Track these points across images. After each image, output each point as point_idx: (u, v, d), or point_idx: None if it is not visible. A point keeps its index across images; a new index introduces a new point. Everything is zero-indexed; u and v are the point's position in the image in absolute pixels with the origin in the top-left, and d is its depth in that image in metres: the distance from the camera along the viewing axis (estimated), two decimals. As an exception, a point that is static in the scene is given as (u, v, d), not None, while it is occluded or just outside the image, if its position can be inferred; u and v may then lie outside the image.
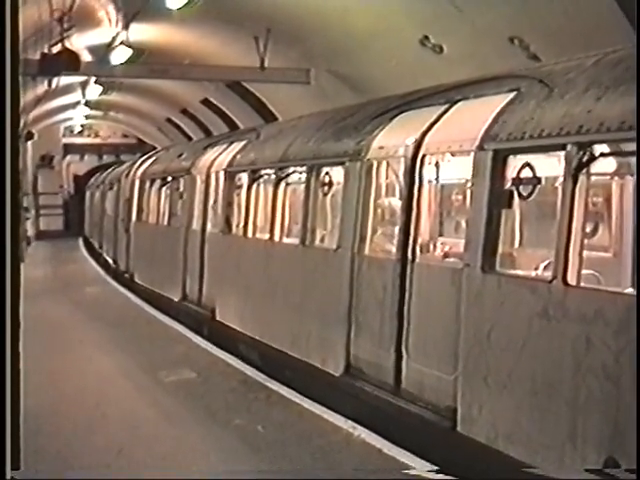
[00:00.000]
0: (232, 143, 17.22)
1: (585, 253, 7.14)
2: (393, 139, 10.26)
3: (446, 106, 9.67)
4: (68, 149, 56.31)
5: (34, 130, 40.67)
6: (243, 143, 16.28)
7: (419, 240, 9.62)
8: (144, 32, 23.69)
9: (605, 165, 7.49)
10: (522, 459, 7.21)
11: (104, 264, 29.88)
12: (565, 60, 8.73)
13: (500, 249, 8.07)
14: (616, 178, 7.98)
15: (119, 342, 15.13)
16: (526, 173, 7.84)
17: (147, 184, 23.18)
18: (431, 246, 10.25)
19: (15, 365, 3.00)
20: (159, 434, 9.48)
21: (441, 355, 8.70)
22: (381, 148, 10.43)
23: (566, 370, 6.89)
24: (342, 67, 21.69)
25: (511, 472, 4.61)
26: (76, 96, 37.90)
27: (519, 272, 8.31)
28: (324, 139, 12.18)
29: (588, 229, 7.83)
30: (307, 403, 10.43)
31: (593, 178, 7.34)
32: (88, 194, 45.25)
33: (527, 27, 15.07)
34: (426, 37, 17.49)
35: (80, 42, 24.39)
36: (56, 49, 20.84)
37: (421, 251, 9.67)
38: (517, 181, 7.90)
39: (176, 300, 18.15)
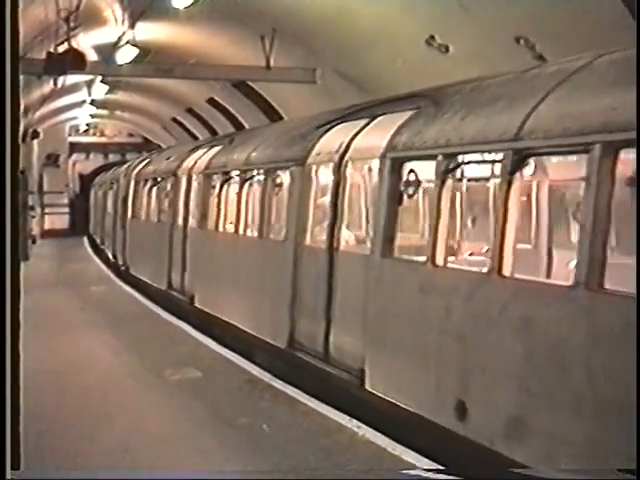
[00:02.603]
0: (211, 148, 19.36)
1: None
2: (327, 147, 12.06)
3: (368, 119, 11.46)
4: (74, 148, 56.34)
5: (40, 129, 40.73)
6: (219, 148, 18.50)
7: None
8: (150, 31, 23.71)
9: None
10: (406, 406, 9.11)
11: (105, 260, 31.37)
12: (461, 82, 10.47)
13: (396, 239, 9.90)
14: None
15: (124, 341, 15.14)
16: (412, 177, 9.77)
17: (141, 184, 25.35)
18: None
19: (15, 365, 2.99)
20: (164, 433, 9.48)
21: (355, 326, 10.42)
22: (318, 154, 12.23)
23: (434, 333, 8.74)
24: (348, 66, 21.69)
25: (511, 472, 4.59)
26: (82, 95, 37.94)
27: (406, 257, 10.09)
28: (279, 146, 14.22)
29: (467, 222, 10.74)
30: (313, 403, 10.44)
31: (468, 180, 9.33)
32: (92, 193, 45.53)
33: (533, 27, 15.05)
34: (432, 37, 17.47)
35: (86, 41, 24.41)
36: (62, 48, 20.84)
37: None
38: (405, 183, 9.82)
39: (163, 289, 20.25)
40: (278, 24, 21.10)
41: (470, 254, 10.56)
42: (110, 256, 30.63)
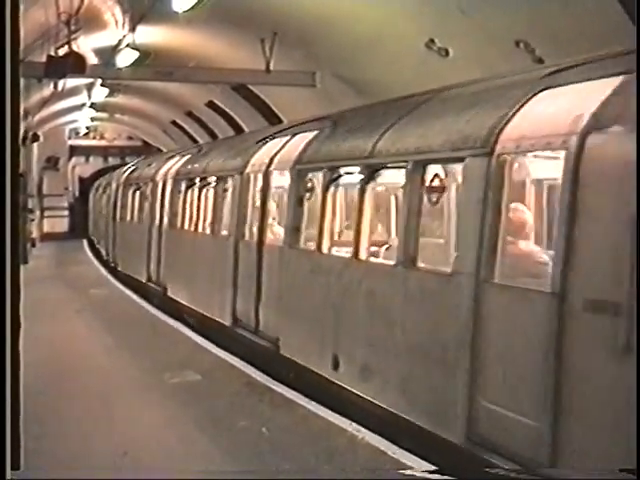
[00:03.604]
0: (183, 156, 22.38)
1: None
2: (260, 159, 14.68)
3: (290, 137, 14.05)
4: (73, 151, 56.33)
5: (40, 132, 40.72)
6: (188, 156, 21.66)
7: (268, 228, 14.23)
8: (150, 35, 23.71)
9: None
10: (305, 364, 11.61)
11: (105, 263, 32.41)
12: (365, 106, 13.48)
13: (300, 233, 12.51)
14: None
15: (123, 344, 15.15)
16: (309, 184, 12.49)
17: (127, 189, 28.30)
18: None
19: (15, 365, 3.00)
20: (163, 436, 9.49)
21: (273, 304, 13.18)
22: (253, 165, 14.94)
23: (319, 305, 11.31)
24: (348, 70, 21.69)
25: (508, 473, 4.59)
26: (82, 98, 37.91)
27: (303, 246, 12.47)
28: (228, 157, 17.11)
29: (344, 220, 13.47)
30: (312, 406, 10.45)
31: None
32: (91, 196, 45.67)
33: (533, 31, 15.06)
34: (432, 40, 17.47)
35: (86, 44, 24.40)
36: (62, 51, 20.84)
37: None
38: (305, 190, 12.54)
39: (143, 281, 23.10)
40: (278, 27, 21.10)
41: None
42: (103, 253, 33.79)
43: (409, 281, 9.29)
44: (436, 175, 9.37)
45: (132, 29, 22.78)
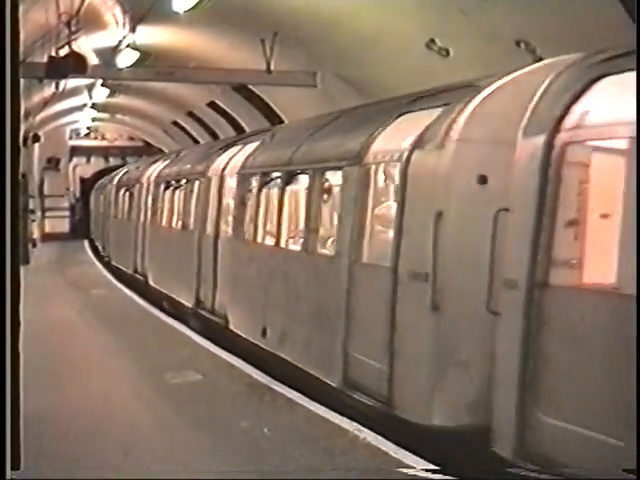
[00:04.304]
0: (165, 161, 25.65)
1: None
2: (218, 165, 17.47)
3: (241, 146, 16.94)
4: (74, 152, 56.29)
5: (41, 133, 40.70)
6: (168, 161, 24.84)
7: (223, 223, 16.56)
8: (151, 35, 23.71)
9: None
10: (245, 335, 14.00)
11: (102, 259, 34.00)
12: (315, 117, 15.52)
13: (243, 226, 14.94)
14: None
15: (124, 344, 15.15)
16: (249, 187, 15.04)
17: (119, 190, 31.56)
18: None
19: (15, 365, 3.00)
20: (164, 437, 9.48)
21: (225, 287, 15.70)
22: (213, 170, 17.65)
23: (254, 286, 13.85)
24: (348, 70, 21.69)
25: (509, 472, 4.59)
26: (83, 99, 37.90)
27: (245, 238, 14.85)
28: (195, 163, 20.11)
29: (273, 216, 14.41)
30: (313, 406, 10.44)
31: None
32: (92, 197, 45.80)
33: (533, 31, 15.05)
34: (432, 40, 17.47)
35: (87, 45, 24.40)
36: (63, 52, 20.84)
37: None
38: (246, 191, 15.09)
39: (130, 272, 25.98)
40: (279, 28, 21.10)
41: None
42: (101, 249, 36.78)
43: (308, 263, 11.92)
44: (326, 180, 11.91)
45: (132, 29, 22.78)
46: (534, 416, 7.15)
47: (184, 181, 20.29)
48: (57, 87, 30.01)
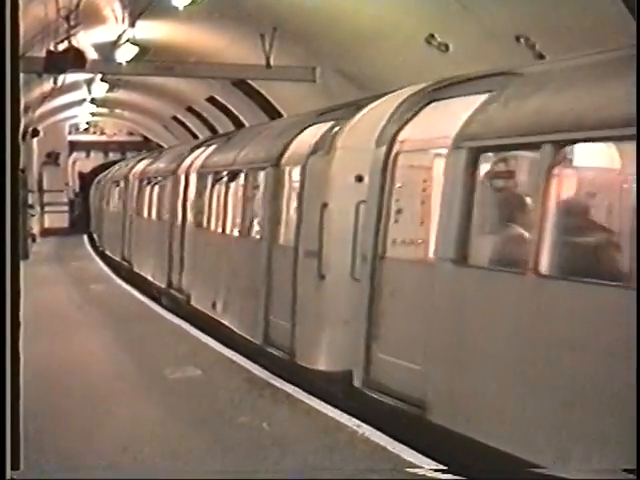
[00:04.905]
0: (146, 159, 28.69)
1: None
2: (186, 164, 20.16)
3: (205, 147, 19.65)
4: (74, 146, 56.29)
5: (40, 127, 40.68)
6: (150, 160, 27.55)
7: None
8: (150, 30, 23.70)
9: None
10: (202, 309, 16.36)
11: (102, 254, 34.43)
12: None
13: (203, 216, 17.52)
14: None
15: (123, 339, 15.15)
16: (206, 183, 17.54)
17: (112, 185, 34.67)
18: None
19: (15, 365, 2.98)
20: (163, 432, 9.48)
21: (189, 270, 18.32)
22: (181, 168, 20.37)
23: (210, 268, 16.54)
24: (348, 65, 21.68)
25: (514, 472, 4.59)
26: (82, 93, 37.88)
27: (203, 226, 17.59)
28: (168, 162, 23.02)
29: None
30: (313, 402, 10.44)
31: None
32: (91, 192, 45.93)
33: (533, 26, 15.05)
34: (432, 35, 17.46)
35: (86, 40, 24.38)
36: (62, 47, 20.82)
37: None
38: (203, 187, 17.62)
39: (118, 260, 28.83)
40: (278, 23, 21.10)
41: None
42: (96, 238, 39.78)
43: (242, 246, 14.71)
44: (255, 178, 14.33)
45: (132, 24, 22.79)
46: (375, 355, 9.69)
47: (160, 178, 23.09)
48: (56, 82, 29.98)
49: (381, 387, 9.45)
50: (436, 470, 6.17)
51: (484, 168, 8.35)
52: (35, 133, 39.20)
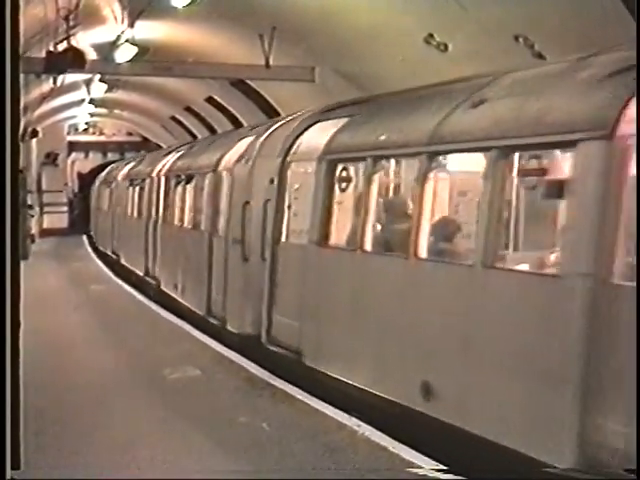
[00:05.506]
0: (132, 162, 32.71)
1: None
2: (161, 167, 23.12)
3: (175, 152, 22.77)
4: (73, 147, 56.20)
5: (39, 128, 40.64)
6: (134, 163, 31.69)
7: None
8: (149, 30, 23.70)
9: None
10: (169, 293, 19.64)
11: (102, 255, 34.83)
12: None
13: (167, 213, 21.19)
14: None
15: (123, 339, 15.15)
16: (170, 184, 21.17)
17: (105, 186, 38.35)
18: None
19: (15, 364, 2.98)
20: (163, 432, 9.48)
21: (160, 259, 21.51)
22: (157, 171, 23.42)
23: (177, 257, 19.45)
24: (347, 65, 21.68)
25: (514, 471, 4.59)
26: (81, 94, 37.86)
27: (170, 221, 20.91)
28: (146, 166, 27.11)
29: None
30: (312, 401, 10.44)
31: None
32: (92, 191, 45.92)
33: (532, 26, 15.04)
34: (431, 35, 17.46)
35: (85, 40, 24.38)
36: (61, 47, 20.82)
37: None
38: (168, 188, 21.29)
39: (109, 253, 32.20)
40: (277, 23, 21.10)
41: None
42: (94, 238, 41.74)
43: (193, 237, 18.00)
44: (202, 180, 17.69)
45: (131, 24, 22.77)
46: (272, 316, 12.46)
47: (139, 180, 26.81)
48: (55, 82, 29.95)
49: (277, 341, 12.30)
50: (436, 470, 6.18)
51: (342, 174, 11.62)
52: (34, 134, 39.16)
